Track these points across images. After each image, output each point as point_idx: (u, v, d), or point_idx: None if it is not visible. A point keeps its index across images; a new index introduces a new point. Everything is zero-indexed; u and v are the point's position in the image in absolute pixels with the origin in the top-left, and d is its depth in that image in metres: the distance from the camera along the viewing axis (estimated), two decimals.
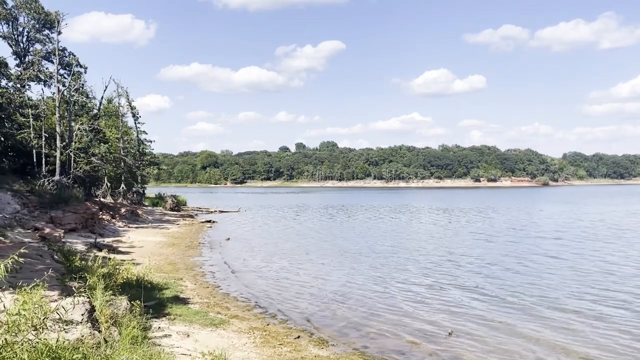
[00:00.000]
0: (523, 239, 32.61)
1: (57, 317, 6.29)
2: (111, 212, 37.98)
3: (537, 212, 59.47)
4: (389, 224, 44.72)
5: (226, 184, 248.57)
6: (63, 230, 23.84)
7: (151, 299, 13.23)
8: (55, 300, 8.35)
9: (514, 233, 36.06)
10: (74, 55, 42.29)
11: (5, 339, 5.34)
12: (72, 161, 37.06)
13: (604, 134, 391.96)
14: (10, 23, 39.56)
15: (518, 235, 34.83)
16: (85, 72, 43.29)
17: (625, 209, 62.44)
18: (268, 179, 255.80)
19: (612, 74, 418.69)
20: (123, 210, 40.64)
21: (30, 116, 36.33)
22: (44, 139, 35.96)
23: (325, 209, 67.71)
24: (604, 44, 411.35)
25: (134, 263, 17.77)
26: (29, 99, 38.60)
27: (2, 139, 34.60)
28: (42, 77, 39.01)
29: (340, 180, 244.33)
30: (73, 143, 37.54)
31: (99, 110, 48.63)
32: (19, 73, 38.95)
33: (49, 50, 40.05)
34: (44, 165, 35.90)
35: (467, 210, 62.10)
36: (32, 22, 40.02)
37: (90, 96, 45.29)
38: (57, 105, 35.37)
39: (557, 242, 30.47)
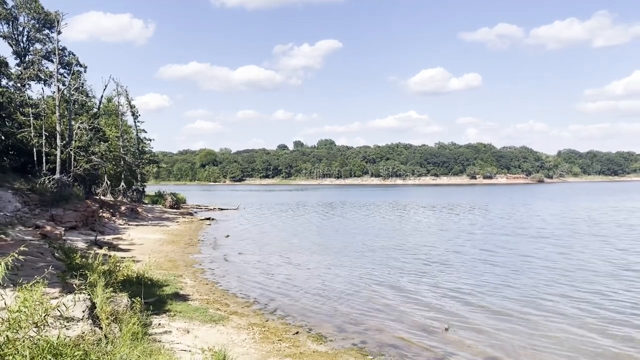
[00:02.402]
0: (517, 236, 32.69)
1: (58, 314, 6.34)
2: (111, 210, 38.09)
3: (530, 209, 59.52)
4: (386, 221, 44.83)
5: (225, 181, 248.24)
6: (63, 228, 23.89)
7: (151, 296, 13.34)
8: (56, 298, 8.44)
9: (508, 230, 36.14)
10: (74, 55, 42.39)
11: (7, 335, 5.41)
12: (72, 160, 37.15)
13: (598, 132, 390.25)
14: (11, 23, 39.62)
15: (512, 232, 34.90)
16: (84, 71, 43.51)
17: (614, 205, 62.62)
18: (266, 176, 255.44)
19: (607, 72, 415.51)
20: (123, 208, 40.75)
21: (31, 115, 36.43)
22: (44, 137, 36.04)
23: (323, 207, 67.80)
24: (598, 42, 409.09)
25: (134, 260, 17.90)
26: (29, 98, 38.73)
27: (3, 137, 34.71)
28: (42, 77, 39.11)
29: (338, 177, 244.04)
30: (73, 142, 37.64)
31: (98, 109, 48.71)
32: (19, 72, 39.06)
33: (49, 50, 40.11)
34: (44, 164, 36.00)
35: (464, 208, 62.19)
36: (32, 21, 40.09)
37: (90, 95, 45.51)
38: (57, 104, 35.44)
39: (550, 240, 30.53)
